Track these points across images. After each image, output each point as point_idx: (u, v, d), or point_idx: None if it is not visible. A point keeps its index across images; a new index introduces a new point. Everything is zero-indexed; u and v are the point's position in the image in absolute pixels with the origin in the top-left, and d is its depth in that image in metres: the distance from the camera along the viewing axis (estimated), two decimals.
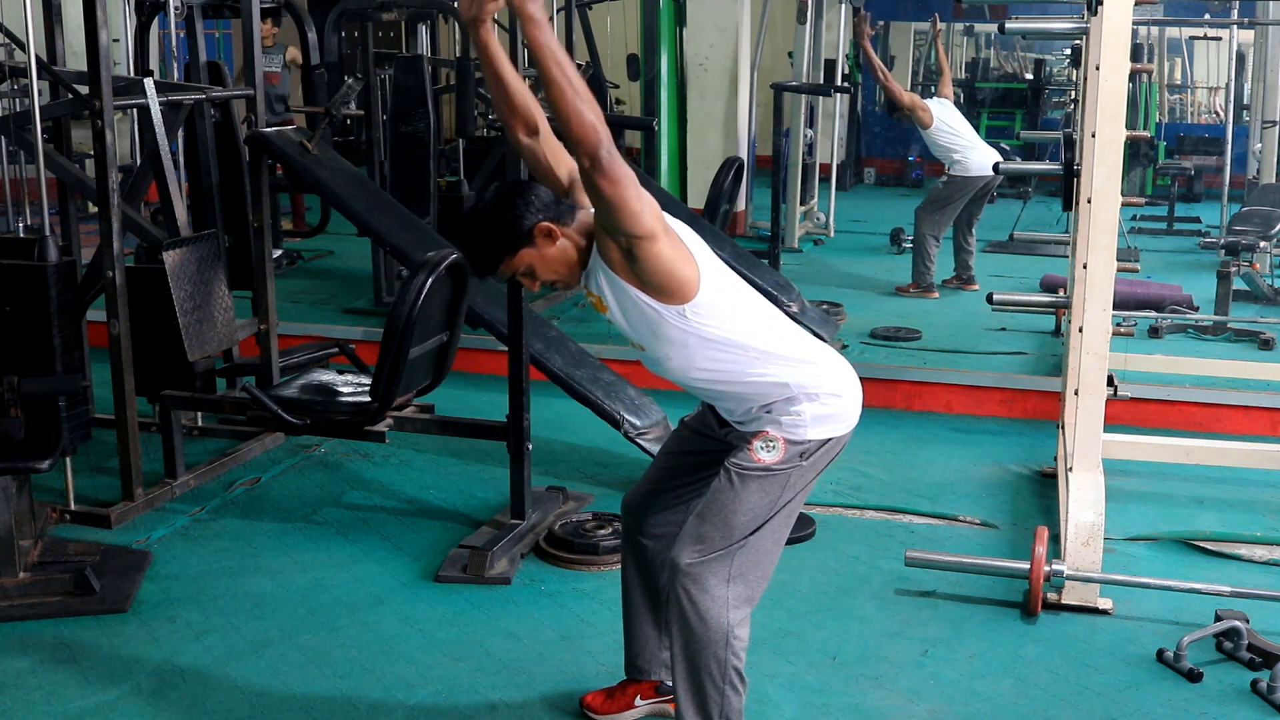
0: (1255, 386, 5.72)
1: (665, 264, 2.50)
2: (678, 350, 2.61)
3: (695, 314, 2.56)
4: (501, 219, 2.59)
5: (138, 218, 4.68)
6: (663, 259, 2.49)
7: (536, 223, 2.58)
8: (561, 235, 2.60)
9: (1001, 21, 5.11)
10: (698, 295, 2.55)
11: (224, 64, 5.95)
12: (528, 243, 2.60)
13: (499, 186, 2.69)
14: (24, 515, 3.81)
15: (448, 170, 7.81)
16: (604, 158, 2.33)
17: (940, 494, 4.71)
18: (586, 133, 2.32)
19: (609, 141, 2.34)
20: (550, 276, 2.65)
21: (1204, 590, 3.62)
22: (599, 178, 2.35)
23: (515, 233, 2.59)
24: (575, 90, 2.31)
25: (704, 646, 2.64)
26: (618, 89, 10.39)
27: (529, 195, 2.60)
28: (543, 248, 2.60)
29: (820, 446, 2.65)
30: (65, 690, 3.23)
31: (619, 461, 4.95)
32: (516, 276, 2.67)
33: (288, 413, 4.10)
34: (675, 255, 2.51)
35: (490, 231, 2.62)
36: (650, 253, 2.47)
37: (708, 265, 2.60)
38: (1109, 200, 3.75)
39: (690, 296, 2.54)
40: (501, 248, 2.61)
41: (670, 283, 2.52)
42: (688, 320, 2.56)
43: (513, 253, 2.61)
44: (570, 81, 2.31)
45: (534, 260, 2.62)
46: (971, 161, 7.78)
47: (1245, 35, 11.50)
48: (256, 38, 5.06)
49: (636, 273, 2.51)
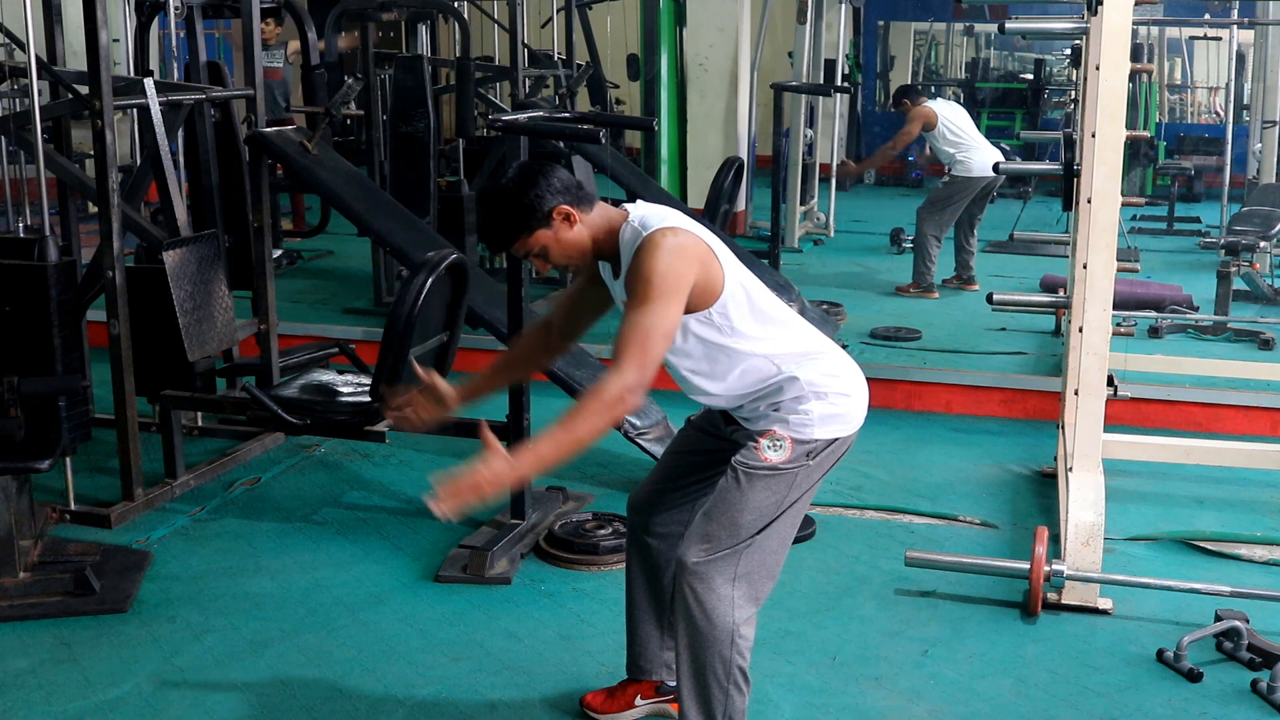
0: (1255, 386, 5.71)
1: (695, 300, 2.55)
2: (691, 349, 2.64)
3: (721, 314, 2.59)
4: (522, 196, 2.59)
5: (138, 218, 4.68)
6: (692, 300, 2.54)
7: (557, 205, 2.58)
8: (579, 221, 2.61)
9: (1001, 21, 5.11)
10: (720, 298, 2.57)
11: (224, 64, 5.95)
12: (545, 224, 2.60)
13: (522, 164, 2.69)
14: (24, 515, 3.81)
15: (448, 170, 7.81)
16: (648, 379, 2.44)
17: (940, 494, 4.71)
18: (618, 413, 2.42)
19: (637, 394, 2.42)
20: (563, 260, 2.65)
21: (1204, 590, 3.62)
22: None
23: (534, 212, 2.59)
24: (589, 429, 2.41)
25: (709, 645, 2.64)
26: (618, 89, 10.40)
27: (551, 176, 2.60)
28: (559, 231, 2.61)
29: (827, 446, 2.65)
30: (65, 690, 3.23)
31: (619, 461, 4.95)
32: (529, 256, 2.67)
33: (288, 413, 4.10)
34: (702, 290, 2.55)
35: (510, 208, 2.61)
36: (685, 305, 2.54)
37: (731, 268, 2.61)
38: (1109, 200, 3.75)
39: (711, 304, 2.57)
40: (519, 226, 2.61)
41: (696, 303, 2.57)
42: (713, 320, 2.60)
43: (530, 232, 2.61)
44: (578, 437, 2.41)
45: (549, 242, 2.62)
46: (974, 162, 7.78)
47: (1245, 35, 11.50)
48: (256, 38, 5.06)
49: None
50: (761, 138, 11.50)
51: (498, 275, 6.02)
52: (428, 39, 8.13)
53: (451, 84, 7.89)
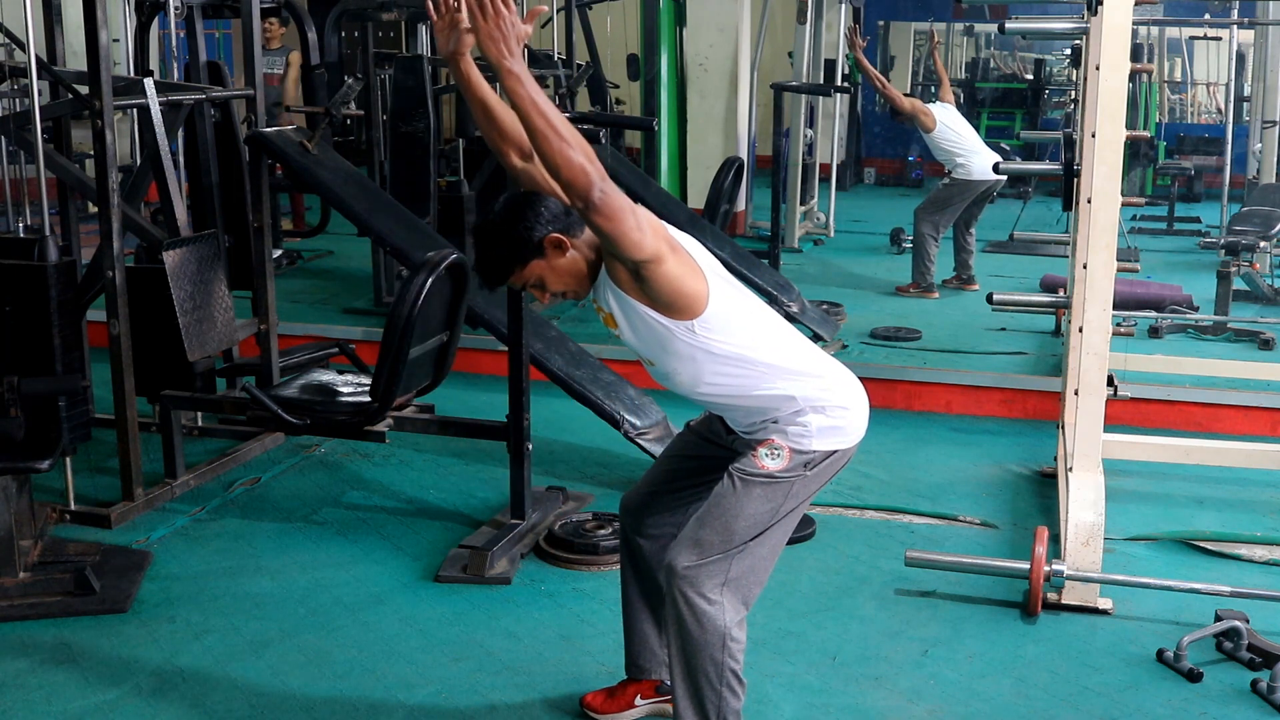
0: (1255, 386, 5.71)
1: (673, 283, 2.51)
2: (686, 365, 2.62)
3: (704, 329, 2.56)
4: (512, 230, 2.59)
5: (138, 218, 4.68)
6: (670, 278, 2.50)
7: (547, 234, 2.58)
8: (571, 247, 2.59)
9: (1001, 21, 5.11)
10: (706, 310, 2.55)
11: (224, 64, 5.95)
12: (538, 254, 2.59)
13: (509, 197, 2.69)
14: (24, 515, 3.81)
15: (448, 170, 7.80)
16: (596, 199, 2.34)
17: (940, 494, 4.71)
18: (576, 176, 2.32)
19: (600, 179, 2.34)
20: (560, 288, 2.65)
21: (1204, 590, 3.62)
22: (595, 217, 2.37)
23: (525, 244, 2.58)
24: (561, 136, 2.32)
25: (701, 649, 2.64)
26: (618, 89, 10.39)
27: (539, 207, 2.59)
28: (553, 259, 2.60)
29: (825, 458, 2.65)
30: (65, 690, 3.23)
31: (619, 461, 4.95)
32: (527, 288, 2.67)
33: (288, 413, 4.10)
34: (683, 273, 2.52)
35: (500, 243, 2.61)
36: (657, 274, 2.48)
37: (716, 280, 2.60)
38: (1109, 200, 3.75)
39: (699, 312, 2.55)
40: (512, 259, 2.61)
41: (679, 299, 2.53)
42: (696, 335, 2.57)
43: (523, 264, 2.61)
44: (555, 128, 2.32)
45: (544, 271, 2.62)
46: (974, 166, 7.79)
47: (1245, 35, 11.50)
48: (256, 38, 5.06)
49: (645, 291, 2.52)
50: (761, 138, 11.50)
51: None
52: (428, 39, 8.12)
53: (451, 84, 7.89)
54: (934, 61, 10.31)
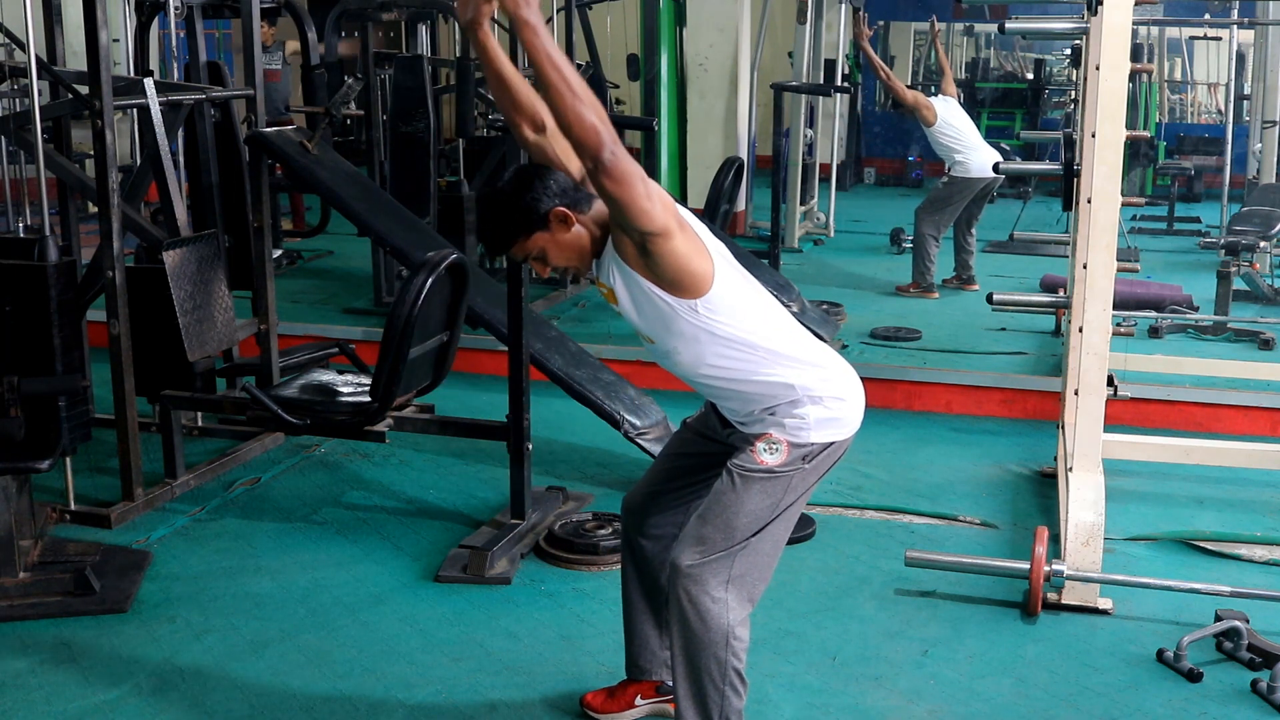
0: (1255, 386, 5.71)
1: (679, 259, 2.49)
2: (688, 345, 2.61)
3: (707, 309, 2.55)
4: (519, 200, 2.59)
5: (138, 218, 4.68)
6: (677, 254, 2.48)
7: (553, 207, 2.58)
8: (577, 222, 2.59)
9: (1001, 21, 5.11)
10: (711, 290, 2.54)
11: (224, 64, 5.95)
12: (542, 226, 2.59)
13: (518, 168, 2.69)
14: (24, 515, 3.81)
15: (448, 170, 7.81)
16: (607, 159, 2.32)
17: (940, 494, 4.71)
18: (588, 135, 2.31)
19: (612, 141, 2.32)
20: (562, 262, 2.65)
21: (1204, 590, 3.62)
22: (604, 179, 2.35)
23: (531, 215, 2.58)
24: (575, 93, 2.30)
25: (704, 648, 2.64)
26: (618, 89, 10.38)
27: (547, 179, 2.59)
28: (557, 232, 2.60)
29: (823, 450, 2.65)
30: (65, 690, 3.23)
31: (619, 461, 4.95)
32: (528, 260, 2.66)
33: (288, 413, 4.10)
34: (690, 250, 2.51)
35: (507, 212, 2.61)
36: (664, 248, 2.46)
37: (722, 261, 2.60)
38: (1109, 200, 3.75)
39: (704, 291, 2.54)
40: (516, 229, 2.61)
41: (684, 277, 2.52)
42: (699, 315, 2.56)
43: (527, 235, 2.60)
44: (569, 84, 2.30)
45: (547, 244, 2.61)
46: (973, 163, 7.79)
47: (1245, 35, 11.50)
48: (256, 38, 5.06)
49: (650, 267, 2.51)
50: (761, 138, 11.49)
51: (498, 275, 6.02)
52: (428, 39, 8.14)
53: (451, 84, 7.89)
54: (936, 52, 10.28)
